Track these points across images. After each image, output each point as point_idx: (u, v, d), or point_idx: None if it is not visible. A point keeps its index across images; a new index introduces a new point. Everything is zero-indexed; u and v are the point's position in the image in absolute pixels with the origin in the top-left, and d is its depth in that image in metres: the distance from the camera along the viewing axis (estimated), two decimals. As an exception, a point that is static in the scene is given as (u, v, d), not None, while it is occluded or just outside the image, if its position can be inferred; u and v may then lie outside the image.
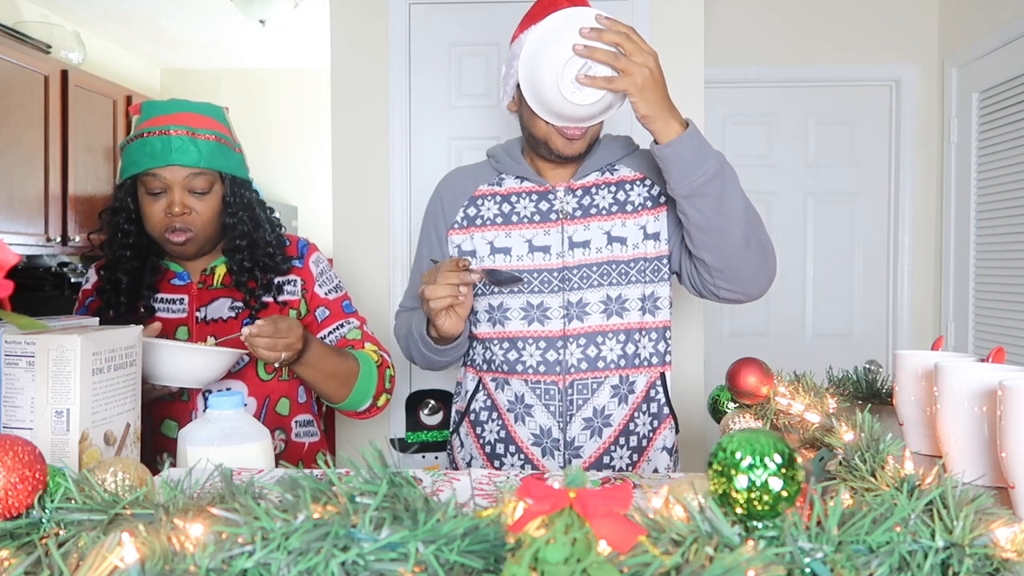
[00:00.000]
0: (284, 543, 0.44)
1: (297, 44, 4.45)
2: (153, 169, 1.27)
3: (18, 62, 3.16)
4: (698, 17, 2.44)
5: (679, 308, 2.44)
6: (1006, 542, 0.48)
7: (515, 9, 2.46)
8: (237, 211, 1.34)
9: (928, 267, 3.11)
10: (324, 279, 1.43)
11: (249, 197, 1.38)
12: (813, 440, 0.90)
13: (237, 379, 1.34)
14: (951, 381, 0.84)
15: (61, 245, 3.47)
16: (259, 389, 1.35)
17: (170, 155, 1.26)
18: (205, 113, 1.32)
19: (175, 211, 1.27)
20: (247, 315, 1.34)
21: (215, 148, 1.30)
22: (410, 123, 2.48)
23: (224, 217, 1.34)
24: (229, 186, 1.33)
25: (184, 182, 1.28)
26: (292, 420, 1.40)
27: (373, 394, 1.37)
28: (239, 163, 1.36)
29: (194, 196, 1.29)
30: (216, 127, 1.32)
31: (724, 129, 3.19)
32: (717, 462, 0.50)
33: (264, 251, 1.36)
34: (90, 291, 1.40)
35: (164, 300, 1.36)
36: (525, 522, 0.45)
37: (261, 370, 1.35)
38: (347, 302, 1.45)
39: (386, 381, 1.39)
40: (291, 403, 1.40)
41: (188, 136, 1.27)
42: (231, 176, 1.34)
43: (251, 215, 1.36)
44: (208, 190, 1.30)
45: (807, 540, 0.46)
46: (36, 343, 0.84)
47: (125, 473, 0.64)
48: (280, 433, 1.37)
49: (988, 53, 2.71)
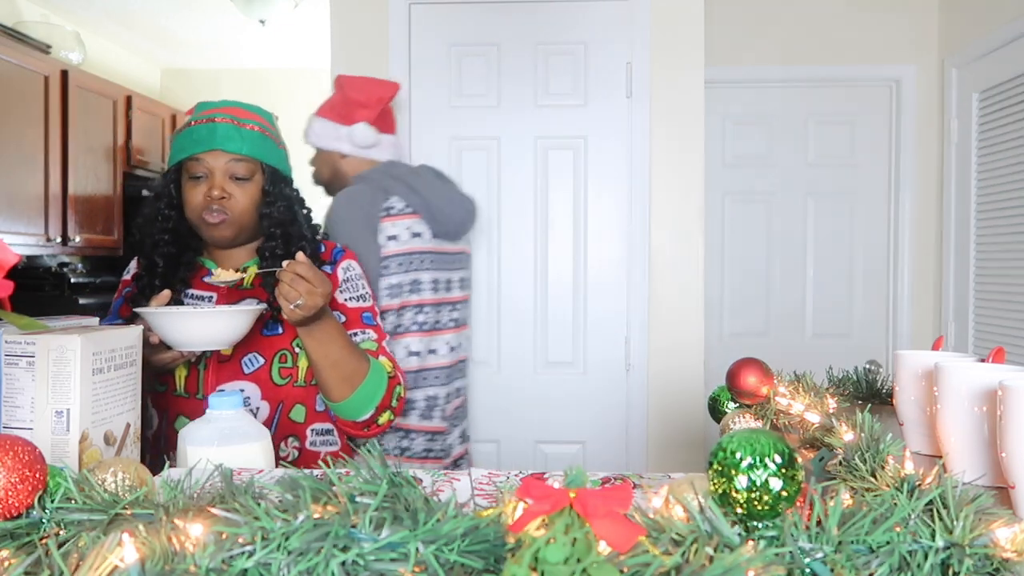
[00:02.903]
0: (284, 543, 0.44)
1: (297, 44, 4.45)
2: (197, 154, 1.30)
3: (18, 62, 3.16)
4: (698, 17, 2.44)
5: (679, 308, 2.44)
6: (1006, 542, 0.48)
7: (515, 9, 2.47)
8: (275, 201, 1.36)
9: (928, 267, 3.11)
10: (349, 286, 1.42)
11: (288, 193, 1.39)
12: (813, 440, 0.90)
13: (251, 381, 1.32)
14: (951, 381, 0.84)
15: (61, 245, 3.47)
16: (273, 394, 1.33)
17: (214, 141, 1.30)
18: (252, 109, 1.37)
19: (215, 194, 1.30)
20: (269, 316, 1.33)
21: (258, 138, 1.34)
22: (410, 123, 2.48)
23: (262, 207, 1.36)
24: (270, 177, 1.36)
25: (226, 167, 1.31)
26: (307, 428, 1.37)
27: (377, 404, 1.31)
28: (281, 158, 1.39)
29: (234, 182, 1.32)
30: (261, 121, 1.37)
31: (724, 129, 3.19)
32: (717, 462, 0.50)
33: (297, 245, 1.36)
34: (128, 281, 1.42)
35: (194, 296, 1.38)
36: (525, 522, 0.45)
37: (276, 375, 1.33)
38: (369, 314, 1.42)
39: (393, 398, 1.34)
40: (307, 411, 1.36)
41: (233, 124, 1.31)
42: (272, 168, 1.36)
43: (288, 208, 1.38)
44: (249, 178, 1.33)
45: (807, 540, 0.46)
46: (36, 343, 0.84)
47: (125, 473, 0.64)
48: (294, 440, 1.35)
49: (988, 53, 2.71)
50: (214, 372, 1.32)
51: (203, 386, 1.32)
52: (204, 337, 1.14)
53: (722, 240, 3.22)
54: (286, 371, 1.33)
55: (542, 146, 2.48)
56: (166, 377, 1.32)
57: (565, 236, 2.48)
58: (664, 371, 2.43)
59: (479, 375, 2.49)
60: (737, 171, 3.21)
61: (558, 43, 2.46)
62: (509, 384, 2.49)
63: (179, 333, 1.13)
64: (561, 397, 2.48)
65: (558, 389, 2.48)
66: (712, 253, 3.17)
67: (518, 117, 2.47)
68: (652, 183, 2.44)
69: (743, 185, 3.21)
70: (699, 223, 2.45)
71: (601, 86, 2.45)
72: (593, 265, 2.47)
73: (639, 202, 2.44)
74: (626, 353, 2.45)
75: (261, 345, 1.33)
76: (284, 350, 1.34)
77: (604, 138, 2.46)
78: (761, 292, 3.23)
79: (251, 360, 1.33)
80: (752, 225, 3.22)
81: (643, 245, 2.43)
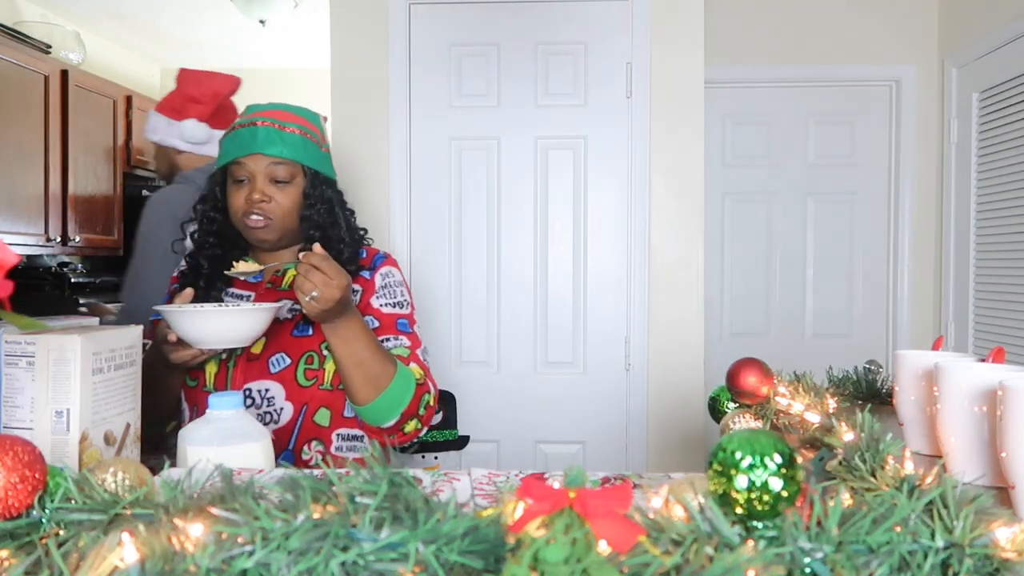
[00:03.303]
0: (284, 543, 0.44)
1: (297, 44, 4.45)
2: (239, 158, 1.32)
3: (18, 62, 3.16)
4: (698, 17, 2.44)
5: (679, 309, 2.44)
6: (1006, 542, 0.48)
7: (515, 9, 2.47)
8: (315, 203, 1.37)
9: (928, 267, 3.11)
10: (385, 292, 1.40)
11: (330, 195, 1.39)
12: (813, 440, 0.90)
13: (276, 381, 1.31)
14: (951, 381, 0.84)
15: (61, 245, 3.47)
16: (297, 395, 1.32)
17: (255, 144, 1.31)
18: (296, 112, 1.38)
19: (255, 198, 1.31)
20: (300, 318, 1.34)
21: (299, 141, 1.34)
22: (410, 123, 2.48)
23: (303, 210, 1.36)
24: (311, 180, 1.36)
25: (266, 171, 1.32)
26: (333, 432, 1.35)
27: (403, 411, 1.28)
28: (324, 160, 1.40)
29: (275, 185, 1.33)
30: (304, 123, 1.37)
31: (724, 129, 3.19)
32: (717, 462, 0.50)
33: (336, 247, 1.36)
34: (177, 277, 1.45)
35: (233, 295, 1.40)
36: (525, 522, 0.45)
37: (301, 376, 1.32)
38: (404, 321, 1.39)
39: (421, 406, 1.30)
40: (333, 415, 1.34)
41: (274, 128, 1.33)
42: (313, 170, 1.37)
43: (329, 211, 1.38)
44: (289, 180, 1.34)
45: (807, 540, 0.46)
46: (36, 343, 0.84)
47: (125, 473, 0.64)
48: (317, 444, 1.33)
49: (988, 53, 2.71)
50: (242, 370, 1.32)
51: (230, 383, 1.33)
52: (218, 335, 1.14)
53: (722, 240, 3.22)
54: (312, 373, 1.32)
55: (542, 146, 2.48)
56: (197, 372, 1.33)
57: (565, 236, 2.48)
58: (664, 371, 2.43)
59: (479, 375, 2.49)
60: (737, 171, 3.21)
61: (558, 43, 2.46)
62: (509, 384, 2.49)
63: (194, 331, 1.14)
64: (561, 397, 2.48)
65: (558, 389, 2.48)
66: (712, 253, 3.17)
67: (518, 117, 2.47)
68: (652, 183, 2.44)
69: (743, 185, 3.21)
70: (699, 223, 2.45)
71: (601, 86, 2.45)
72: (593, 265, 2.47)
73: (639, 202, 2.44)
74: (626, 353, 2.45)
75: (289, 346, 1.33)
76: (312, 351, 1.33)
77: (604, 138, 2.46)
78: (761, 292, 3.23)
79: (278, 360, 1.33)
80: (752, 225, 3.22)
81: (643, 245, 2.43)
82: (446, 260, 2.50)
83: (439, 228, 2.50)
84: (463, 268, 2.50)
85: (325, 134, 1.43)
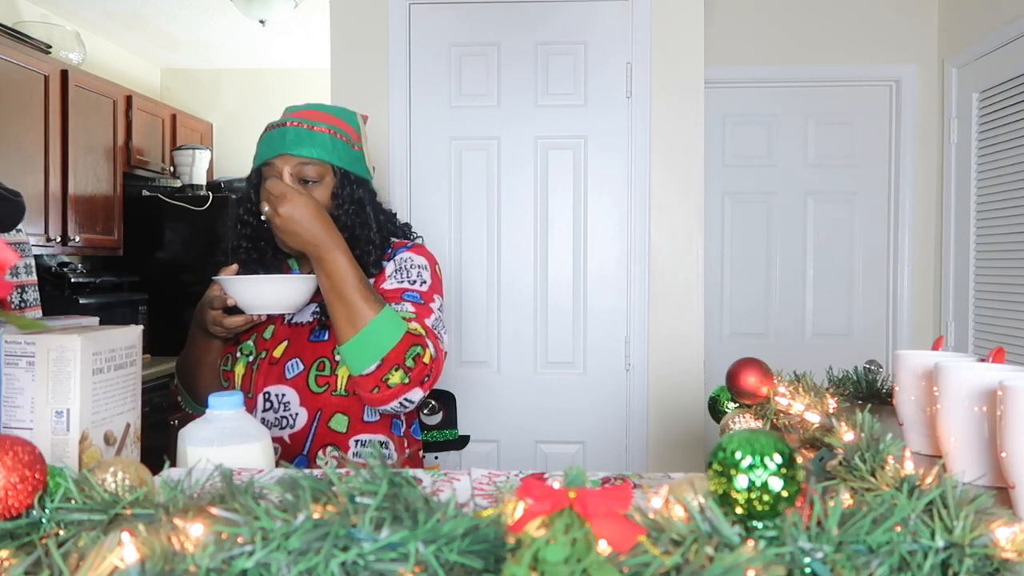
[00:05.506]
0: (284, 543, 0.44)
1: (297, 44, 4.45)
2: (270, 159, 1.33)
3: (18, 62, 3.16)
4: (698, 17, 2.44)
5: (679, 308, 2.44)
6: (1006, 542, 0.48)
7: (515, 9, 2.47)
8: (344, 204, 1.35)
9: (928, 267, 3.11)
10: (398, 274, 1.37)
11: (361, 195, 1.37)
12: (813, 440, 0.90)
13: (290, 386, 1.32)
14: (951, 381, 0.84)
15: (61, 245, 3.47)
16: (310, 401, 1.31)
17: (283, 145, 1.31)
18: (329, 111, 1.37)
19: None
20: (316, 324, 1.34)
21: (328, 141, 1.33)
22: (410, 123, 2.48)
23: (332, 210, 1.35)
24: (340, 179, 1.35)
25: (295, 171, 1.32)
26: (350, 439, 1.33)
27: (384, 356, 1.20)
28: (355, 160, 1.37)
29: (303, 186, 1.33)
30: (335, 122, 1.36)
31: (724, 129, 3.19)
32: (717, 462, 0.50)
33: (363, 249, 1.35)
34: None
35: None
36: (525, 522, 0.45)
37: (312, 382, 1.31)
38: (414, 294, 1.34)
39: (408, 356, 1.21)
40: (350, 420, 1.32)
41: (304, 128, 1.32)
42: (343, 170, 1.35)
43: (359, 211, 1.36)
44: (319, 180, 1.33)
45: (807, 540, 0.46)
46: (36, 343, 0.84)
47: (125, 473, 0.64)
48: (333, 450, 1.31)
49: (988, 53, 2.71)
50: (263, 374, 1.34)
51: (253, 386, 1.34)
52: (270, 300, 1.25)
53: (722, 240, 3.22)
54: (323, 379, 1.31)
55: (542, 146, 2.48)
56: (228, 374, 1.36)
57: (565, 236, 2.48)
58: (664, 371, 2.43)
59: (479, 375, 2.49)
60: (737, 171, 3.21)
61: (558, 43, 2.46)
62: (509, 384, 2.49)
63: (251, 296, 1.25)
64: (561, 397, 2.48)
65: (558, 389, 2.48)
66: (712, 253, 3.17)
67: (518, 117, 2.47)
68: (652, 183, 2.44)
69: (743, 185, 3.21)
70: (699, 223, 2.45)
71: (601, 86, 2.45)
72: (593, 265, 2.47)
73: (639, 202, 2.44)
74: (626, 353, 2.45)
75: (304, 351, 1.33)
76: (324, 358, 1.32)
77: (604, 138, 2.46)
78: (761, 292, 3.23)
79: (293, 365, 1.33)
80: (752, 225, 3.22)
81: (643, 245, 2.43)
82: (446, 260, 2.49)
83: (439, 228, 2.50)
84: (463, 268, 2.50)
85: (361, 133, 1.40)
